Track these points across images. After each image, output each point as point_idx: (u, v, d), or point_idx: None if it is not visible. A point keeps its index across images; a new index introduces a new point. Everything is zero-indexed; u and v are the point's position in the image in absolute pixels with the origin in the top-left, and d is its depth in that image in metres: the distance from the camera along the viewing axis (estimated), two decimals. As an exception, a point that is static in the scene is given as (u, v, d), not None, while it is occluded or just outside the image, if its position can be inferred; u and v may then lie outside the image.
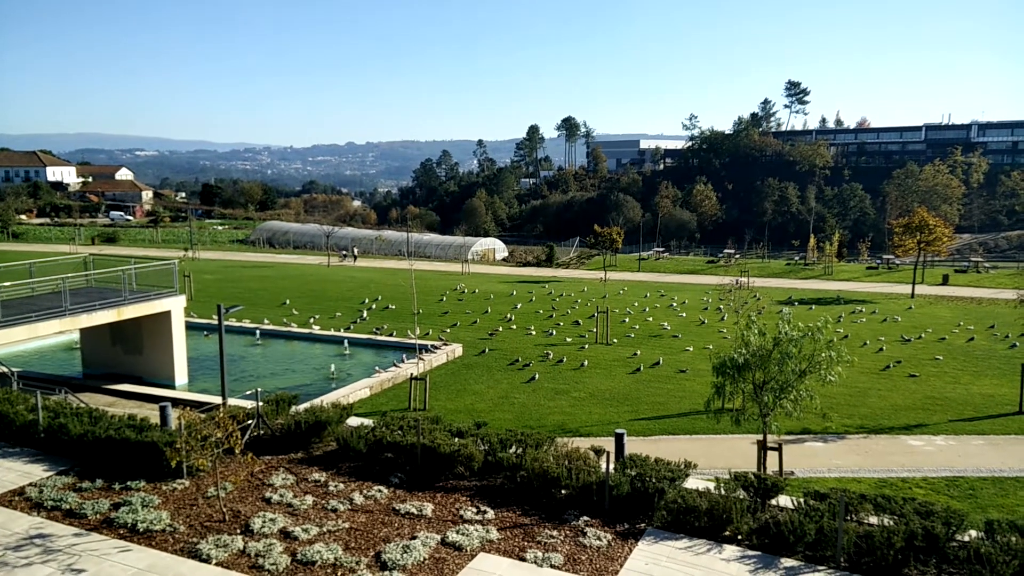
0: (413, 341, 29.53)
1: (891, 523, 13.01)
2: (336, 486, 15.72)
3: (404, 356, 27.84)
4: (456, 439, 16.70)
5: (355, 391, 23.78)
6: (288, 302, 42.63)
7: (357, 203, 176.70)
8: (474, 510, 14.56)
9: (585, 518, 14.19)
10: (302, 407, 19.46)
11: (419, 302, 40.60)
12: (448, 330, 34.96)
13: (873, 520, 13.45)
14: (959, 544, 12.73)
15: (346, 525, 13.91)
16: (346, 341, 31.48)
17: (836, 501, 13.19)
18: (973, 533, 13.08)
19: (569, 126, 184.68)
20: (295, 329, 34.19)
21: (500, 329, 35.44)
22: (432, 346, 29.67)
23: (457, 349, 29.99)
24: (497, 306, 42.58)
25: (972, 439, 20.57)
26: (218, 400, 20.74)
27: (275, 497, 15.07)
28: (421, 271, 61.06)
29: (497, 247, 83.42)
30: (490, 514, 14.41)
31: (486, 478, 16.13)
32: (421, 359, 27.38)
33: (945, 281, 55.12)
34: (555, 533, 13.64)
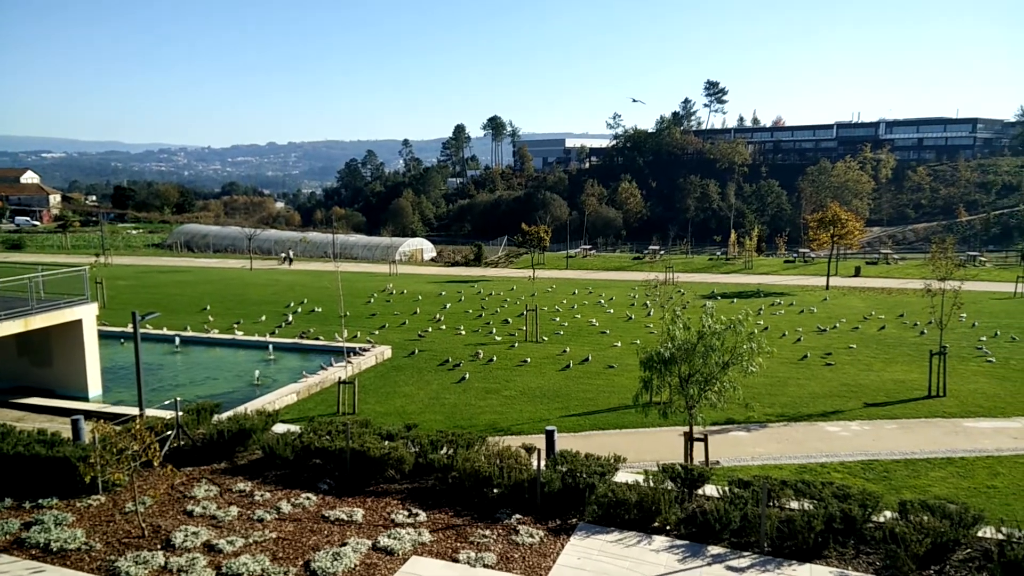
0: (341, 344, 29.04)
1: (811, 507, 13.48)
2: (262, 495, 15.30)
3: (332, 359, 27.34)
4: (386, 442, 16.49)
5: (281, 397, 23.21)
6: (209, 307, 41.34)
7: (280, 204, 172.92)
8: (405, 513, 14.41)
9: (517, 516, 14.21)
10: (225, 415, 18.90)
11: (346, 304, 39.99)
12: (377, 332, 34.54)
13: (794, 505, 13.91)
14: (875, 525, 13.29)
15: (273, 535, 13.56)
16: (271, 346, 30.72)
17: (759, 488, 13.58)
18: (888, 514, 13.67)
19: (495, 125, 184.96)
20: (216, 335, 33.18)
21: (429, 330, 35.21)
22: (360, 349, 29.24)
23: (386, 351, 29.64)
24: (426, 307, 42.30)
25: (885, 423, 21.50)
26: (135, 411, 19.93)
27: (197, 510, 14.57)
28: (348, 273, 60.15)
29: (425, 247, 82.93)
30: (422, 516, 14.28)
31: (417, 480, 15.99)
32: (349, 362, 26.96)
33: (857, 273, 57.61)
34: (488, 532, 13.61)
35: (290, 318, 38.04)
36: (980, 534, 12.99)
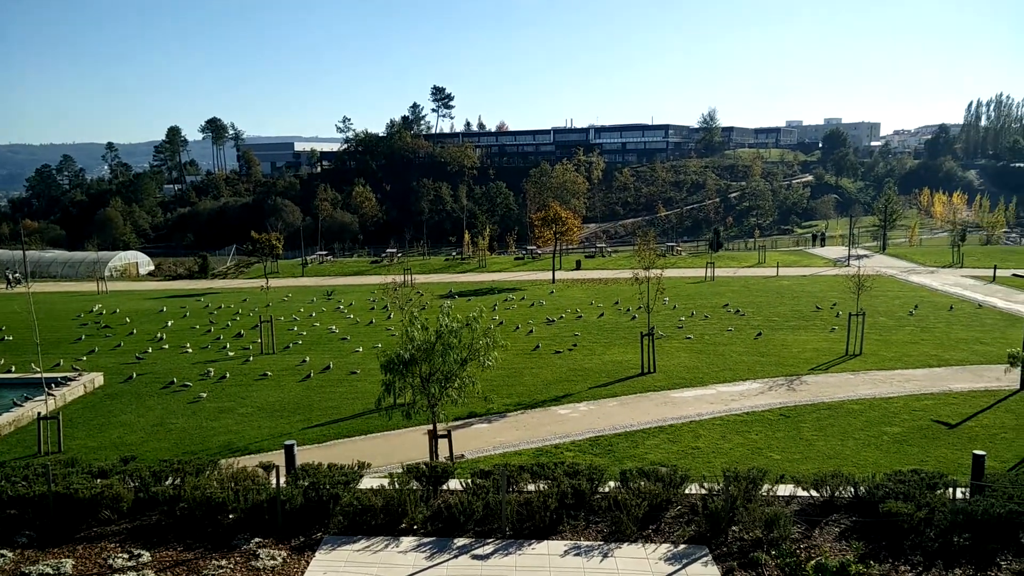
0: (38, 375, 25.37)
1: (546, 487, 14.32)
2: (-61, 562, 12.86)
3: (26, 394, 23.82)
4: (98, 480, 14.70)
5: (-39, 443, 19.73)
6: None
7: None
8: (126, 556, 12.92)
9: (257, 539, 13.40)
10: None
11: (45, 329, 35.18)
12: (84, 358, 30.74)
13: (531, 487, 14.68)
14: (602, 495, 14.45)
15: (-44, 607, 11.46)
16: (-55, 385, 26.00)
17: (499, 476, 14.14)
18: (612, 484, 14.94)
19: (215, 128, 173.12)
20: None
21: (150, 350, 32.08)
22: (64, 378, 25.80)
23: (97, 378, 26.49)
24: (145, 326, 38.49)
25: (608, 402, 23.53)
26: None
27: None
28: (46, 293, 52.92)
29: (141, 260, 75.38)
30: (146, 557, 12.90)
31: (140, 518, 14.43)
32: (51, 394, 23.65)
33: (578, 266, 62.46)
34: (224, 562, 12.66)
35: (-29, 350, 32.51)
36: (688, 491, 14.69)
